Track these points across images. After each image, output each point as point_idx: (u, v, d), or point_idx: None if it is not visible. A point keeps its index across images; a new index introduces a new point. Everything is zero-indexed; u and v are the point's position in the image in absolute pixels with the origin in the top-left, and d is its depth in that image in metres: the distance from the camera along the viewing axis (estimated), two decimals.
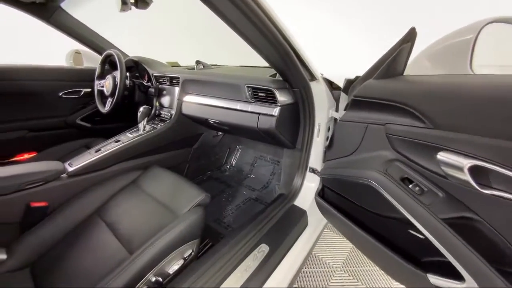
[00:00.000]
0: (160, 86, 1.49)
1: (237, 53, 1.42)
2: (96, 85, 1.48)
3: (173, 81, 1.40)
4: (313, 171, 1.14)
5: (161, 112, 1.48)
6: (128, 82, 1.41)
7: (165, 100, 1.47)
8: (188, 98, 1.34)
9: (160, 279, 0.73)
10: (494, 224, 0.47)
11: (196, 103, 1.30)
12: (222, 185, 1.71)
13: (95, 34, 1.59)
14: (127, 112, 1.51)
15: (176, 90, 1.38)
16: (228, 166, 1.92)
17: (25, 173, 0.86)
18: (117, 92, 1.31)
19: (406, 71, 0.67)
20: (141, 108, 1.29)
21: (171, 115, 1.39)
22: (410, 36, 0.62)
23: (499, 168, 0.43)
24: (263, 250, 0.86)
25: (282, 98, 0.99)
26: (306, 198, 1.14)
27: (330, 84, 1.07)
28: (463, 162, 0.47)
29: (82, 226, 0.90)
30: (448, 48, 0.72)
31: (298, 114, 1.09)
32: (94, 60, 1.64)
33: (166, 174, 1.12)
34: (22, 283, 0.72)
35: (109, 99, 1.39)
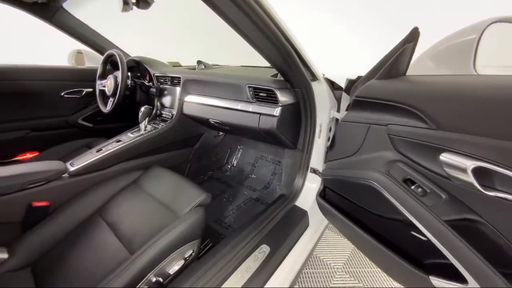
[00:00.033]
0: (161, 86, 1.50)
1: (238, 53, 1.42)
2: (98, 85, 1.48)
3: (174, 81, 1.40)
4: (314, 171, 1.14)
5: (162, 112, 1.48)
6: (129, 82, 1.42)
7: (166, 100, 1.47)
8: (189, 98, 1.34)
9: (161, 280, 0.73)
10: (498, 226, 0.47)
11: (197, 103, 1.30)
12: (223, 185, 1.71)
13: (97, 34, 1.59)
14: (129, 112, 1.51)
15: (178, 90, 1.38)
16: (229, 166, 1.92)
17: (27, 172, 0.86)
18: (118, 92, 1.31)
19: (408, 71, 0.67)
20: (142, 108, 1.29)
21: (172, 115, 1.39)
22: (413, 36, 0.62)
23: (503, 170, 0.42)
24: (264, 251, 0.86)
25: (283, 98, 0.99)
26: (307, 198, 1.13)
27: (332, 84, 1.07)
28: (467, 163, 0.46)
29: (83, 225, 0.90)
30: (451, 48, 0.71)
31: (300, 114, 1.08)
32: (96, 60, 1.64)
33: (167, 174, 1.12)
34: (23, 283, 0.72)
35: (110, 99, 1.39)
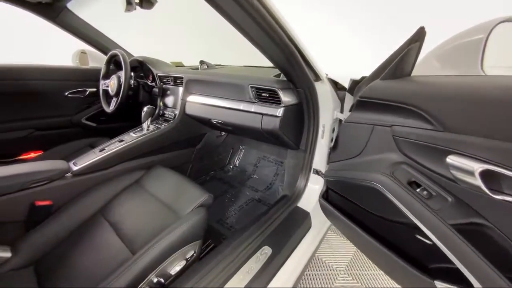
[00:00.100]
0: (164, 86, 1.50)
1: (241, 53, 1.42)
2: (101, 84, 1.49)
3: (177, 81, 1.41)
4: (317, 172, 1.13)
5: (165, 112, 1.48)
6: (132, 82, 1.42)
7: (169, 100, 1.47)
8: (191, 98, 1.34)
9: (162, 280, 0.73)
10: (505, 230, 0.46)
11: (199, 103, 1.30)
12: (225, 185, 1.71)
13: (101, 34, 1.60)
14: (132, 112, 1.52)
15: (180, 90, 1.38)
16: (231, 167, 1.91)
17: (30, 172, 0.86)
18: (121, 92, 1.31)
19: (414, 72, 0.66)
20: (145, 108, 1.29)
21: (175, 115, 1.39)
22: (419, 36, 0.60)
23: (511, 173, 0.41)
24: (265, 252, 0.85)
25: (286, 98, 0.98)
26: (310, 200, 1.13)
27: (335, 84, 1.06)
28: (474, 166, 0.45)
29: (85, 225, 0.90)
30: (457, 48, 0.70)
31: (302, 114, 1.08)
32: (100, 60, 1.65)
33: (169, 174, 1.12)
34: (26, 281, 0.73)
35: (113, 99, 1.40)
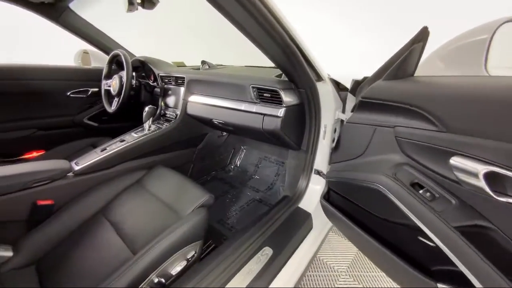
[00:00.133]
0: (165, 86, 1.50)
1: (243, 53, 1.42)
2: (103, 84, 1.49)
3: (178, 81, 1.41)
4: (318, 173, 1.13)
5: (166, 112, 1.48)
6: (134, 82, 1.42)
7: (170, 100, 1.47)
8: (193, 98, 1.34)
9: (163, 280, 0.73)
10: (509, 233, 0.45)
11: (201, 103, 1.30)
12: (226, 185, 1.71)
13: (103, 34, 1.61)
14: (133, 111, 1.52)
15: (182, 90, 1.38)
16: (232, 167, 1.91)
17: (32, 171, 0.87)
18: (123, 92, 1.32)
19: (417, 72, 0.65)
20: (146, 108, 1.29)
21: (176, 115, 1.39)
22: (422, 36, 0.60)
23: None
24: (266, 253, 0.85)
25: (288, 98, 0.98)
26: (311, 200, 1.12)
27: (337, 84, 1.06)
28: (478, 168, 0.44)
29: (87, 225, 0.91)
30: (461, 48, 0.69)
31: (304, 115, 1.07)
32: (102, 60, 1.66)
33: (170, 174, 1.12)
34: (27, 281, 0.73)
35: (115, 99, 1.40)
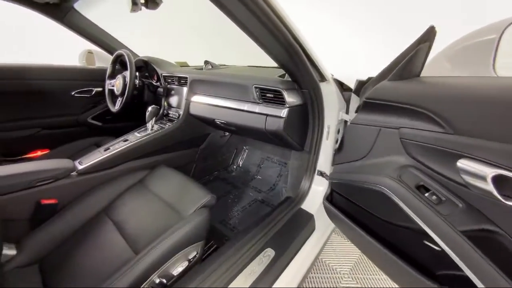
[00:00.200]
0: (168, 86, 1.50)
1: (246, 53, 1.41)
2: (107, 84, 1.50)
3: (181, 81, 1.41)
4: (321, 174, 1.12)
5: (169, 112, 1.48)
6: (137, 82, 1.43)
7: (173, 100, 1.48)
8: (196, 98, 1.34)
9: (164, 281, 0.72)
10: None
11: (203, 103, 1.30)
12: (228, 185, 1.71)
13: (107, 35, 1.62)
14: (137, 111, 1.53)
15: (184, 90, 1.38)
16: (234, 167, 1.91)
17: (36, 170, 0.87)
18: (126, 92, 1.32)
19: (423, 73, 0.64)
20: (149, 108, 1.29)
21: (179, 115, 1.40)
22: (429, 35, 0.59)
23: None
24: (268, 255, 0.84)
25: (291, 99, 0.97)
26: (314, 201, 1.11)
27: (341, 85, 1.05)
28: (486, 171, 0.43)
29: (90, 224, 0.91)
30: (469, 48, 0.68)
31: (307, 115, 1.06)
32: (106, 60, 1.67)
33: (172, 174, 1.12)
34: (30, 279, 0.73)
35: (119, 99, 1.41)
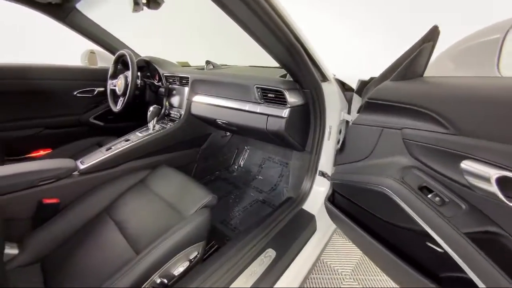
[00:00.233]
0: (170, 86, 1.50)
1: (247, 53, 1.41)
2: (109, 84, 1.51)
3: (182, 81, 1.41)
4: (323, 174, 1.11)
5: (170, 112, 1.49)
6: (139, 81, 1.43)
7: (175, 100, 1.48)
8: (197, 98, 1.34)
9: (165, 281, 0.72)
10: None
11: (205, 103, 1.30)
12: (229, 186, 1.70)
13: (109, 35, 1.62)
14: (138, 111, 1.53)
15: (186, 90, 1.38)
16: (236, 167, 1.91)
17: (38, 170, 0.88)
18: (128, 92, 1.32)
19: (426, 73, 0.63)
20: (151, 108, 1.30)
21: (180, 115, 1.40)
22: (432, 35, 0.58)
23: None
24: (269, 255, 0.84)
25: (292, 99, 0.96)
26: (315, 202, 1.11)
27: (343, 85, 1.04)
28: (490, 172, 0.43)
29: (91, 223, 0.91)
30: (472, 48, 0.67)
31: (309, 115, 1.06)
32: (108, 60, 1.67)
33: (174, 174, 1.12)
34: (32, 278, 0.74)
35: (120, 98, 1.41)
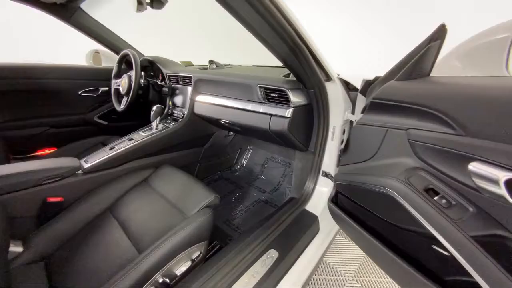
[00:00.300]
0: (173, 85, 1.51)
1: (250, 52, 1.41)
2: (113, 84, 1.52)
3: (186, 80, 1.41)
4: (326, 175, 1.10)
5: (173, 111, 1.49)
6: (142, 81, 1.44)
7: (178, 99, 1.48)
8: (200, 98, 1.34)
9: (167, 280, 0.72)
10: None
11: (208, 103, 1.30)
12: (232, 185, 1.70)
13: (113, 34, 1.63)
14: (141, 110, 1.54)
15: (189, 89, 1.39)
16: (238, 167, 1.91)
17: (43, 168, 0.88)
18: (132, 91, 1.33)
19: (432, 72, 0.62)
20: (154, 107, 1.30)
21: (184, 114, 1.40)
22: (440, 34, 0.57)
23: None
24: (272, 256, 0.84)
25: (296, 99, 0.96)
26: (318, 203, 1.10)
27: (347, 85, 1.03)
28: (499, 174, 0.42)
29: (95, 222, 0.92)
30: (480, 47, 0.66)
31: (312, 115, 1.05)
32: (113, 60, 1.68)
33: (176, 174, 1.12)
34: (36, 276, 0.74)
35: (124, 98, 1.42)
